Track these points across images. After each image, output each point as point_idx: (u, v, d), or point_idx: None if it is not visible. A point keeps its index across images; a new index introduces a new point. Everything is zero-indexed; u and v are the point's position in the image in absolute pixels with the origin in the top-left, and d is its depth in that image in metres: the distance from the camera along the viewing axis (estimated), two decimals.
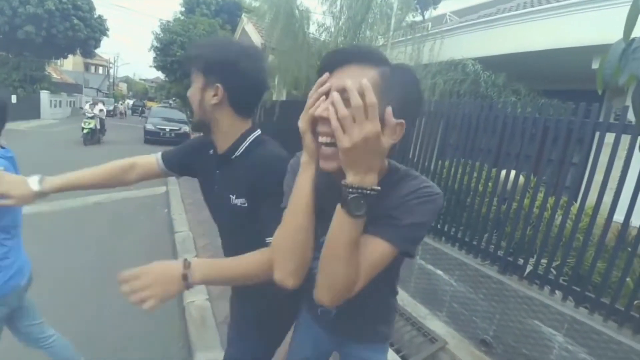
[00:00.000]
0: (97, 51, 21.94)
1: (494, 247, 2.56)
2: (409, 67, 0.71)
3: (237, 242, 1.04)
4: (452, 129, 3.10)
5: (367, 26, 5.76)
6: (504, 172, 2.60)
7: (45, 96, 17.59)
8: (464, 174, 2.86)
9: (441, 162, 3.12)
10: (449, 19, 8.16)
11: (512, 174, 2.53)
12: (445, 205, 2.95)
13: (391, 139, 0.63)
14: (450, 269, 2.72)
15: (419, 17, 6.57)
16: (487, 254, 2.60)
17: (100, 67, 41.45)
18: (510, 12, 4.83)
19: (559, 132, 2.26)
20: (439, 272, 2.80)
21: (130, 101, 34.08)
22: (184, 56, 0.97)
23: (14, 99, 15.17)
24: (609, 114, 2.08)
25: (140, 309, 0.74)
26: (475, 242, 2.70)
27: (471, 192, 2.80)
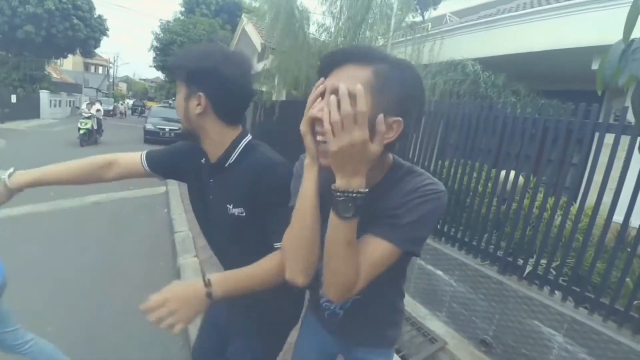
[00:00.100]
0: (97, 51, 21.95)
1: (493, 247, 2.57)
2: (410, 64, 0.70)
3: (234, 251, 1.02)
4: (452, 129, 3.10)
5: (367, 26, 5.76)
6: (503, 173, 2.60)
7: (44, 96, 17.59)
8: (463, 174, 2.86)
9: (441, 162, 3.13)
10: (449, 19, 8.16)
11: (512, 174, 2.53)
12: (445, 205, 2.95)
13: (385, 140, 0.64)
14: (450, 269, 2.73)
15: (419, 18, 6.56)
16: (487, 254, 2.60)
17: (100, 67, 41.48)
18: (510, 12, 4.83)
19: (558, 133, 2.26)
20: (439, 272, 2.80)
21: (130, 101, 34.09)
22: (169, 66, 0.96)
23: (14, 99, 15.16)
24: (608, 115, 2.08)
25: (139, 309, 0.76)
26: (475, 243, 2.70)
27: (471, 193, 2.80)
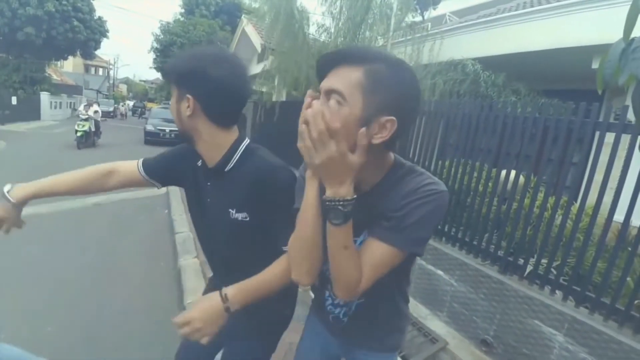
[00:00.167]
0: (97, 53, 21.92)
1: (494, 247, 2.56)
2: (405, 63, 0.70)
3: (231, 256, 1.02)
4: (452, 129, 3.10)
5: (366, 27, 5.77)
6: (504, 172, 2.60)
7: (45, 97, 17.62)
8: (464, 174, 2.85)
9: (441, 162, 3.12)
10: (449, 19, 8.17)
11: (512, 173, 2.53)
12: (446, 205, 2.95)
13: (378, 140, 0.66)
14: (450, 269, 2.72)
15: (419, 18, 6.57)
16: (488, 254, 2.60)
17: (100, 69, 41.51)
18: (510, 12, 4.83)
19: (559, 132, 2.26)
20: (440, 272, 2.80)
21: (131, 102, 34.14)
22: (163, 70, 0.97)
23: (14, 101, 15.19)
24: (609, 114, 2.07)
25: (139, 309, 0.76)
26: (475, 242, 2.70)
27: (471, 192, 2.80)
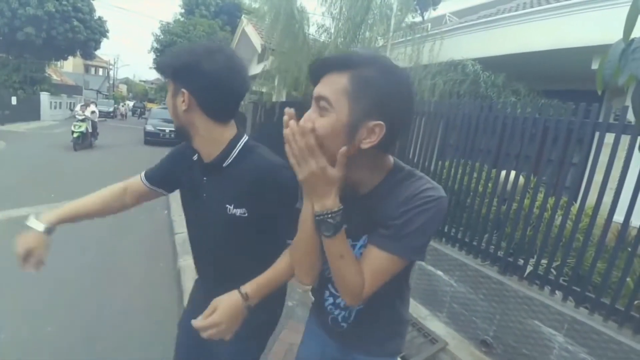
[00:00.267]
0: (97, 53, 21.93)
1: (494, 247, 2.56)
2: (394, 66, 0.69)
3: (223, 253, 1.01)
4: (452, 130, 3.10)
5: (366, 27, 5.77)
6: (503, 173, 2.60)
7: (45, 98, 17.61)
8: (463, 175, 2.85)
9: (441, 162, 3.12)
10: (449, 19, 8.17)
11: (512, 174, 2.53)
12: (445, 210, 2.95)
13: (366, 145, 0.66)
14: (450, 269, 2.72)
15: (419, 18, 6.56)
16: (487, 255, 2.60)
17: (100, 69, 41.49)
18: (510, 12, 4.83)
19: (558, 133, 2.26)
20: (439, 272, 2.80)
21: (131, 103, 34.15)
22: (158, 65, 0.97)
23: (14, 101, 15.19)
24: (608, 114, 2.08)
25: (139, 309, 0.77)
26: (475, 243, 2.70)
27: (471, 193, 2.80)
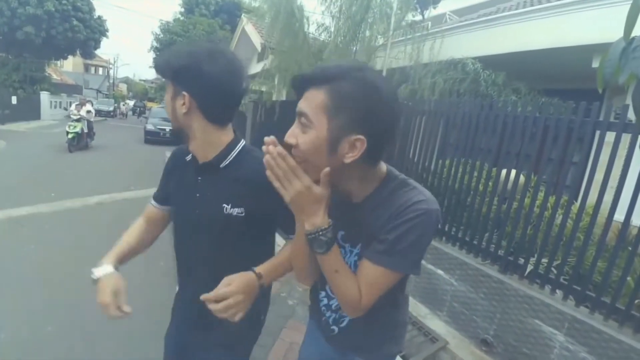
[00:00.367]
0: (97, 52, 21.92)
1: (494, 246, 2.56)
2: (376, 78, 0.67)
3: (213, 257, 0.99)
4: (452, 128, 3.10)
5: (366, 26, 5.75)
6: (504, 172, 2.60)
7: (45, 97, 17.60)
8: (464, 174, 2.85)
9: (441, 161, 3.12)
10: (449, 18, 8.15)
11: (513, 173, 2.53)
12: (446, 204, 2.95)
13: (348, 159, 0.66)
14: (450, 268, 2.72)
15: (419, 17, 6.54)
16: (488, 254, 2.60)
17: (100, 68, 41.49)
18: (510, 11, 4.82)
19: (559, 131, 2.26)
20: (440, 271, 2.80)
21: (131, 102, 34.14)
22: (157, 65, 0.95)
23: (14, 100, 15.17)
24: (609, 113, 2.07)
25: (139, 309, 0.76)
26: (475, 242, 2.69)
27: (471, 192, 2.80)
